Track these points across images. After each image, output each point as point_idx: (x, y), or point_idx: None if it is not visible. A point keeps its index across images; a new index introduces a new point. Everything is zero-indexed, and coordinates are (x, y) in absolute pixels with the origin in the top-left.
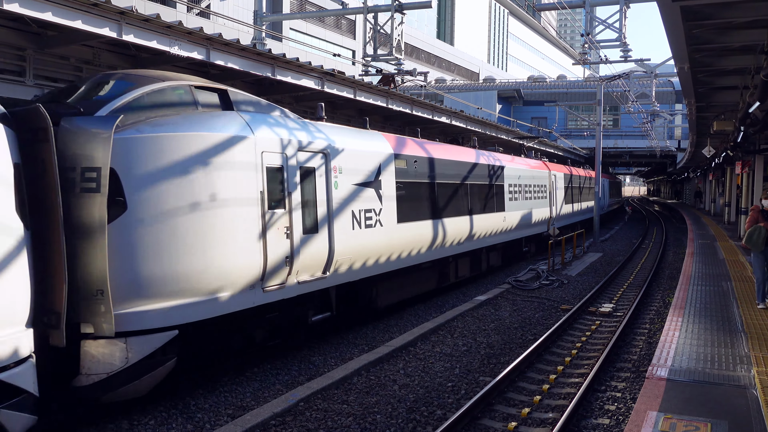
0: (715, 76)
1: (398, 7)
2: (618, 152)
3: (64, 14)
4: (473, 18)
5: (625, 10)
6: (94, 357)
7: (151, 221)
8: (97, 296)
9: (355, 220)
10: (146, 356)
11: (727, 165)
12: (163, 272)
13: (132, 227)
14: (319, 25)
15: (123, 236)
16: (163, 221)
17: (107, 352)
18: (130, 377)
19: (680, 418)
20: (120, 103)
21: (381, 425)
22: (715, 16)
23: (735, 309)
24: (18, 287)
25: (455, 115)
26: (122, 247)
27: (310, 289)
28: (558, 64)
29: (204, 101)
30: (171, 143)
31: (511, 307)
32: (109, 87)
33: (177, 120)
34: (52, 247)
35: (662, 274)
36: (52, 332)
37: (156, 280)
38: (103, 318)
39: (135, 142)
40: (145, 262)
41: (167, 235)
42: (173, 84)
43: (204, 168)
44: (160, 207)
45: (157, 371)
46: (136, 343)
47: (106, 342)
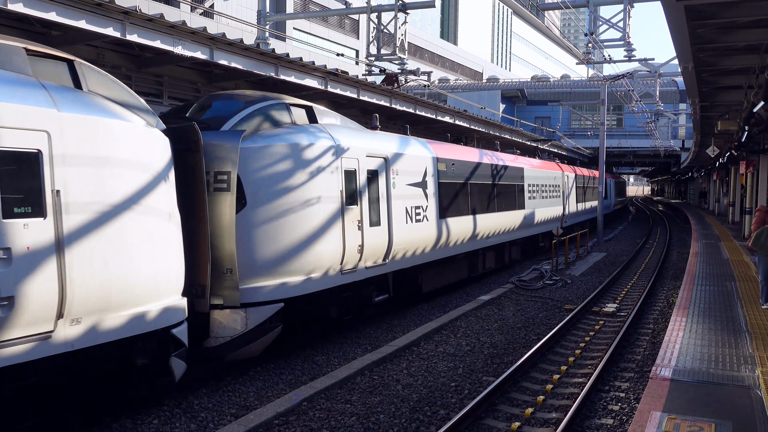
0: (719, 76)
1: (402, 6)
2: (622, 152)
3: (68, 14)
4: (477, 18)
5: (629, 10)
6: (221, 323)
7: (264, 215)
8: (227, 274)
9: (407, 216)
10: (260, 324)
11: (732, 165)
12: (273, 255)
13: (250, 219)
14: (323, 24)
15: (244, 226)
16: (272, 214)
17: (231, 319)
18: (247, 340)
19: (684, 419)
20: (238, 119)
21: (384, 425)
22: (719, 15)
23: (739, 309)
24: (179, 263)
25: (459, 115)
26: (243, 235)
27: (374, 274)
28: (562, 64)
29: (296, 116)
30: (278, 151)
31: (514, 307)
32: (220, 106)
33: (281, 132)
34: (200, 234)
35: (666, 274)
36: (198, 301)
37: (268, 262)
38: (231, 292)
39: (252, 150)
40: (260, 248)
41: (276, 226)
42: (273, 103)
43: (302, 171)
44: (270, 203)
45: (267, 336)
46: (253, 312)
47: (231, 311)
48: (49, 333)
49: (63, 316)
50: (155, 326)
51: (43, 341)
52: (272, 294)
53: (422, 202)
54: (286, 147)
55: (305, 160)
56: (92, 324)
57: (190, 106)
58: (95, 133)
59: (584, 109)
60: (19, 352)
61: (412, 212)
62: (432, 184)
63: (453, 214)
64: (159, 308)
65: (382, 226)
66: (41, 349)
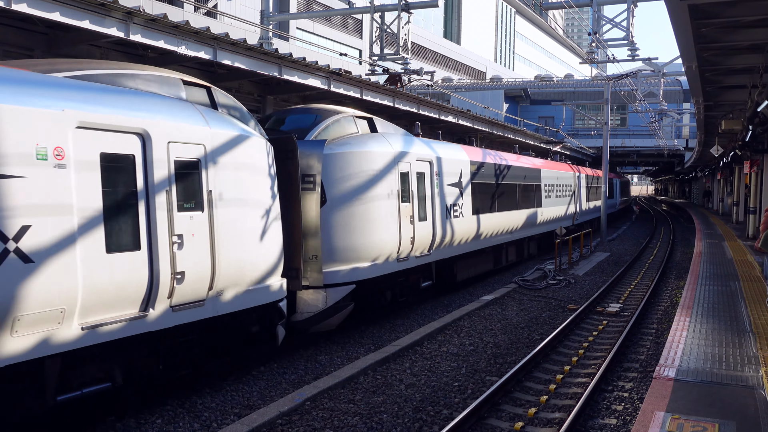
0: (723, 75)
1: (405, 6)
2: (625, 151)
3: (72, 14)
4: (480, 17)
5: (633, 9)
6: (306, 301)
7: (340, 210)
8: (312, 259)
9: (447, 212)
10: (337, 302)
11: (736, 164)
12: (348, 244)
13: (329, 214)
14: (326, 24)
15: (324, 220)
16: (346, 210)
17: (315, 298)
18: (326, 316)
19: (688, 419)
20: (318, 131)
21: (387, 425)
22: (723, 14)
23: (743, 309)
24: (281, 249)
25: (462, 115)
26: (324, 227)
27: (421, 262)
28: (565, 63)
29: (360, 126)
30: (351, 157)
31: (517, 306)
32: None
33: (351, 141)
34: (294, 226)
35: (670, 273)
36: (293, 281)
37: (344, 250)
38: (316, 274)
39: (331, 157)
40: (337, 238)
41: (349, 219)
42: (343, 116)
43: (369, 173)
44: (344, 201)
45: (342, 312)
46: (332, 292)
47: (314, 291)
48: (202, 301)
49: (212, 288)
50: (268, 299)
51: (198, 308)
52: (347, 277)
53: (459, 200)
54: (357, 154)
55: (371, 164)
56: (229, 296)
57: (266, 120)
58: (230, 144)
59: (588, 109)
60: (184, 315)
61: (450, 209)
62: (466, 183)
63: (483, 212)
64: (271, 285)
65: (428, 220)
66: (196, 313)
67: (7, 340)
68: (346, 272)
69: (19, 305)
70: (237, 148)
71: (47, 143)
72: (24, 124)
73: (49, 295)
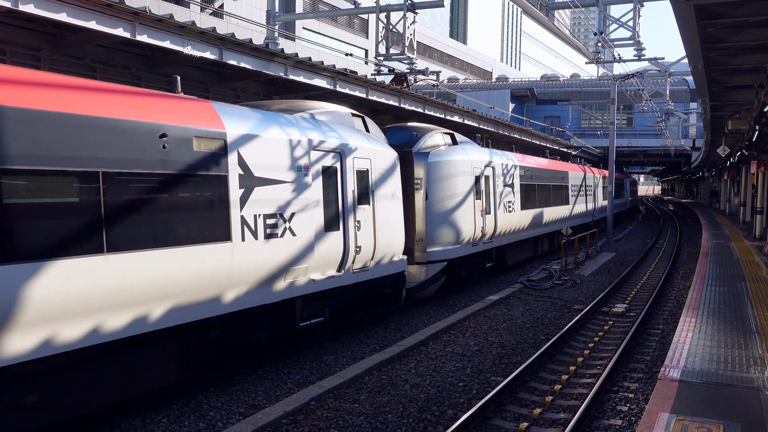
0: (729, 75)
1: (411, 6)
2: (632, 151)
3: (79, 15)
4: (486, 17)
5: (639, 9)
6: (413, 274)
7: (437, 204)
8: (419, 242)
9: (504, 207)
10: (434, 275)
11: (743, 164)
12: (442, 231)
13: (430, 208)
14: (332, 24)
15: (427, 212)
16: (441, 205)
17: (419, 271)
18: (427, 285)
19: (692, 420)
20: (420, 144)
21: (392, 424)
22: (729, 14)
23: (749, 310)
24: (403, 233)
25: (468, 114)
26: (426, 217)
27: (486, 248)
28: (571, 63)
29: (446, 140)
30: (444, 164)
31: (523, 306)
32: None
33: (444, 152)
34: (409, 216)
35: (676, 274)
36: (408, 258)
37: (439, 235)
38: (422, 253)
39: (432, 164)
40: (435, 225)
41: (443, 211)
42: (435, 131)
43: (455, 176)
44: (440, 197)
45: (437, 284)
46: (431, 267)
47: (418, 266)
48: (367, 268)
49: (372, 259)
50: (398, 269)
51: (365, 272)
52: (441, 255)
53: (511, 198)
54: (448, 162)
55: (457, 170)
56: (380, 265)
57: None
58: (382, 157)
59: (594, 109)
60: (358, 276)
61: (506, 205)
62: (517, 184)
63: (527, 208)
64: (400, 259)
65: (491, 214)
66: (364, 275)
67: (281, 283)
68: (441, 252)
69: (289, 263)
70: (384, 159)
71: (301, 161)
72: (291, 148)
73: (302, 257)
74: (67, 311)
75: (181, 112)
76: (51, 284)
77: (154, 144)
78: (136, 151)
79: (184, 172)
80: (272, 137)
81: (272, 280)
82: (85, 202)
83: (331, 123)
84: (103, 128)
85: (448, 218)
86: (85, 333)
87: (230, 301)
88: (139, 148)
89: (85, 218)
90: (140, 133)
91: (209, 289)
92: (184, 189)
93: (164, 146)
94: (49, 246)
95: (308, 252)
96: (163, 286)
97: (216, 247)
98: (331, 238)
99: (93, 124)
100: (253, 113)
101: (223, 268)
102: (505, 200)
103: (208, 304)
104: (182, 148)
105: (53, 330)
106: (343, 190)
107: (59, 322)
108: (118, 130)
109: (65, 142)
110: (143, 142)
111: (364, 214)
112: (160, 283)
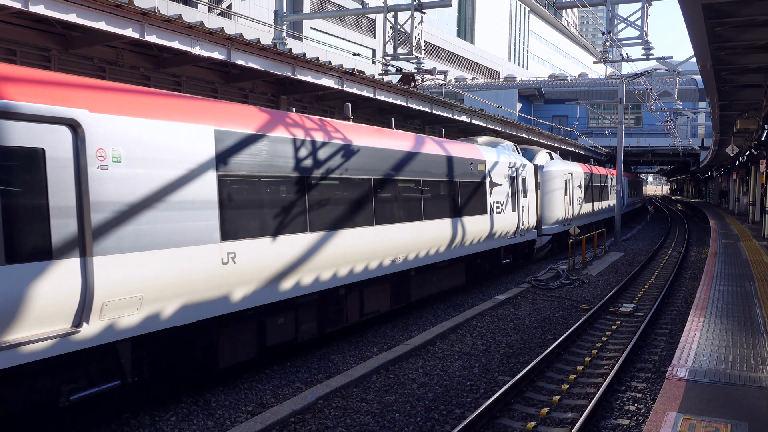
0: (738, 74)
1: (418, 6)
2: (640, 151)
3: (88, 15)
4: (494, 16)
5: (647, 8)
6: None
7: (547, 198)
8: (539, 222)
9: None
10: (545, 243)
11: (752, 164)
12: (550, 215)
13: (544, 200)
14: (340, 24)
15: (541, 203)
16: (549, 198)
17: (540, 240)
18: (541, 250)
19: (700, 419)
20: (537, 159)
21: (400, 423)
22: (737, 13)
23: (758, 310)
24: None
25: (475, 114)
26: (542, 206)
27: (568, 228)
28: (579, 62)
29: (548, 157)
30: (550, 172)
31: (530, 306)
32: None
33: (548, 164)
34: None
35: (684, 273)
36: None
37: (548, 218)
38: (540, 229)
39: (544, 172)
40: (547, 211)
41: (550, 203)
42: (542, 151)
43: (556, 178)
44: (549, 193)
45: (547, 249)
46: (545, 239)
47: (539, 238)
48: (524, 234)
49: (527, 230)
50: (533, 237)
51: (522, 236)
52: (549, 230)
53: (580, 194)
54: (552, 170)
55: (556, 175)
56: (527, 233)
57: None
58: (529, 168)
59: (602, 108)
60: (520, 238)
61: (578, 200)
62: (582, 186)
63: (587, 202)
64: (533, 232)
65: (571, 206)
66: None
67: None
68: (549, 228)
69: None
70: (530, 170)
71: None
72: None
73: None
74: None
75: (470, 152)
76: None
77: (468, 166)
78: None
79: (473, 180)
80: (501, 160)
81: (494, 236)
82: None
83: (509, 148)
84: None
85: (553, 207)
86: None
87: (486, 243)
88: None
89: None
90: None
91: (482, 236)
92: (472, 188)
93: (471, 165)
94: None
95: (507, 222)
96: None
97: (483, 217)
98: (514, 216)
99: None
100: (489, 148)
101: (485, 227)
102: (576, 196)
103: (480, 245)
104: (475, 168)
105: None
106: (517, 188)
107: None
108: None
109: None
110: (467, 165)
111: (525, 203)
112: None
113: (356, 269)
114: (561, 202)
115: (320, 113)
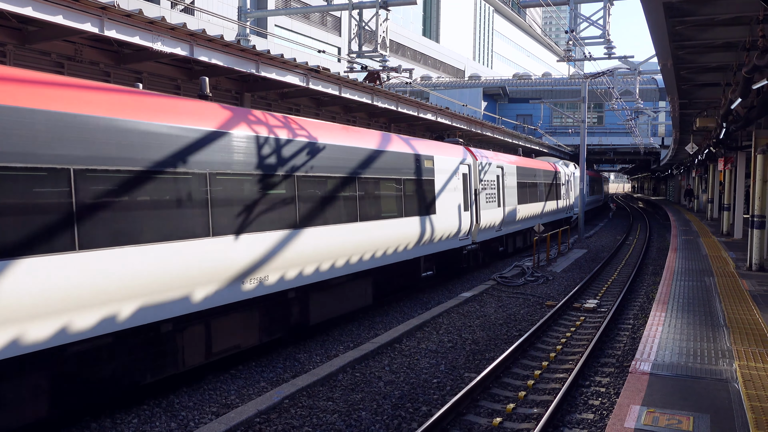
0: (697, 73)
1: (383, 3)
2: (602, 149)
3: (45, 9)
4: (459, 15)
5: (609, 7)
6: (535, 230)
7: (566, 191)
8: None
9: (574, 192)
10: (544, 230)
11: (710, 162)
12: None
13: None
14: (304, 21)
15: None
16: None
17: (539, 228)
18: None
19: (663, 412)
20: (560, 165)
21: (366, 422)
22: (698, 12)
23: (717, 304)
24: None
25: (441, 112)
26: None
27: (572, 214)
28: (543, 62)
29: (565, 163)
30: (562, 175)
31: (496, 303)
32: None
33: (562, 169)
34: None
35: (646, 269)
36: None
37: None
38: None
39: (560, 175)
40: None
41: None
42: (557, 161)
43: (569, 180)
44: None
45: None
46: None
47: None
48: (500, 230)
49: (500, 227)
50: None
51: (498, 231)
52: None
53: (576, 188)
54: (565, 173)
55: (569, 177)
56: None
57: None
58: (570, 172)
59: (565, 107)
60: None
61: (563, 198)
62: (577, 182)
63: (592, 194)
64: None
65: (569, 197)
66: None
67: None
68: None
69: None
70: (572, 174)
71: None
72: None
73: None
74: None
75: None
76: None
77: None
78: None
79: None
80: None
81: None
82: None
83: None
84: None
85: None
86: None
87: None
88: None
89: None
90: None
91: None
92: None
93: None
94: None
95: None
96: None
97: (497, 210)
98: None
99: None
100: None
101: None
102: (574, 189)
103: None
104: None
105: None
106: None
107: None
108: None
109: None
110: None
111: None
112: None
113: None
114: (569, 194)
115: (285, 111)
